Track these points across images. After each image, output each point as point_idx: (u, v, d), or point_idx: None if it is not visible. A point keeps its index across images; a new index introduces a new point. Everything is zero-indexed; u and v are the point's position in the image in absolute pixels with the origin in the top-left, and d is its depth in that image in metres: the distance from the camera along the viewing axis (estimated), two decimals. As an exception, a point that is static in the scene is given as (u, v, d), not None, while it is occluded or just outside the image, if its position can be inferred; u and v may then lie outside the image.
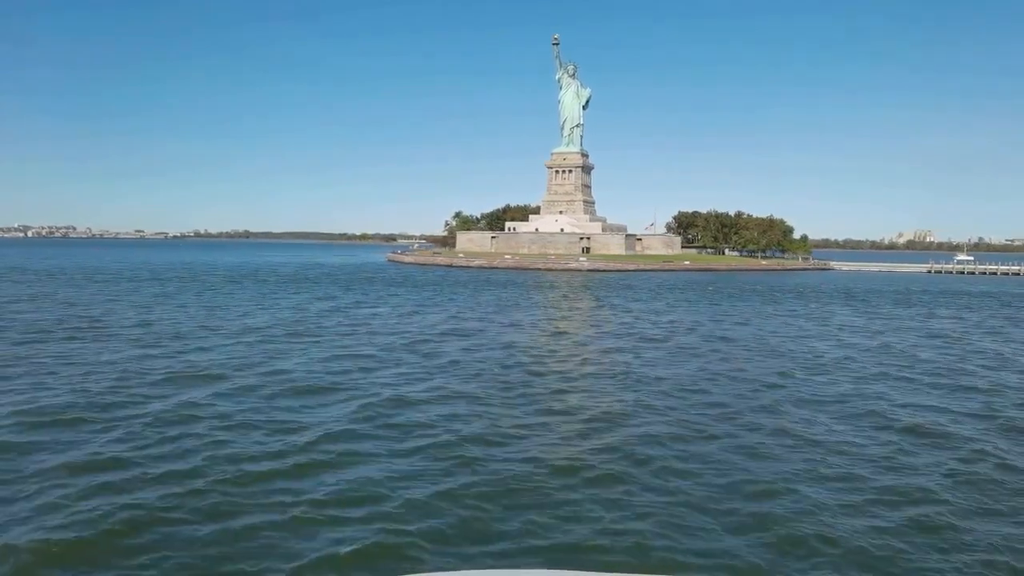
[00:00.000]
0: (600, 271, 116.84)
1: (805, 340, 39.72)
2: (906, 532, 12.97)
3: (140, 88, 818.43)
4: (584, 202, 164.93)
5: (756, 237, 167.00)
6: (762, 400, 23.64)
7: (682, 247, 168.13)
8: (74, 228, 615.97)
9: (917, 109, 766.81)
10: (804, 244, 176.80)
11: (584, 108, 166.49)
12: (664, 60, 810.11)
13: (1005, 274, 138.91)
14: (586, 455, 17.05)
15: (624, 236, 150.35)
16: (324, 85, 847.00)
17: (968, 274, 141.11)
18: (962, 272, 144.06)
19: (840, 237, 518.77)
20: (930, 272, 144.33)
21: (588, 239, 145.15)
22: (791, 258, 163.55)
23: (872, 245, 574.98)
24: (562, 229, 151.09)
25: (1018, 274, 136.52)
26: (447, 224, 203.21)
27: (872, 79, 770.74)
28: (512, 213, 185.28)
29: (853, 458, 17.30)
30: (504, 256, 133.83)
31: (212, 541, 12.12)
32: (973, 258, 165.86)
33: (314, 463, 16.09)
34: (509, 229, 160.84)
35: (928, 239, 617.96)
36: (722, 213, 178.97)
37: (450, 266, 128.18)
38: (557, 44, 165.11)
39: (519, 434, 18.84)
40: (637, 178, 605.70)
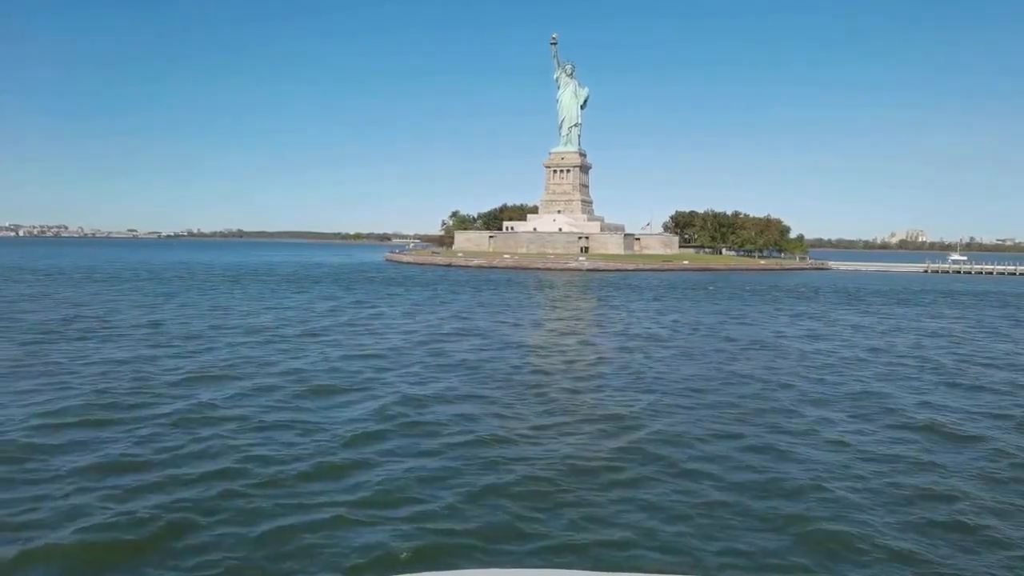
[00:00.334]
0: (600, 271, 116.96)
1: (815, 340, 39.89)
2: (934, 530, 13.06)
3: (134, 87, 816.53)
4: (582, 202, 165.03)
5: (753, 237, 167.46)
6: (779, 400, 23.75)
7: (679, 247, 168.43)
8: (66, 227, 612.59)
9: (915, 109, 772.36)
10: (801, 244, 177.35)
11: (582, 108, 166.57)
12: (663, 60, 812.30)
13: (1001, 273, 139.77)
14: (609, 455, 17.08)
15: (623, 236, 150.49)
16: (322, 85, 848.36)
17: (964, 273, 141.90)
18: (958, 272, 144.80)
19: (833, 237, 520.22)
20: (927, 272, 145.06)
21: (587, 239, 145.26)
22: (788, 258, 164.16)
23: (865, 245, 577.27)
24: (560, 229, 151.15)
25: (1014, 274, 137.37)
26: (444, 224, 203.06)
27: (871, 79, 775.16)
28: (509, 213, 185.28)
29: (875, 457, 17.38)
30: (503, 255, 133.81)
31: (253, 542, 12.13)
32: (967, 258, 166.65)
33: (343, 464, 16.10)
34: (507, 229, 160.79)
35: (920, 239, 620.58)
36: (720, 213, 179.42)
37: (449, 265, 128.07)
38: (555, 43, 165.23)
39: (539, 435, 18.85)
40: (634, 178, 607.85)
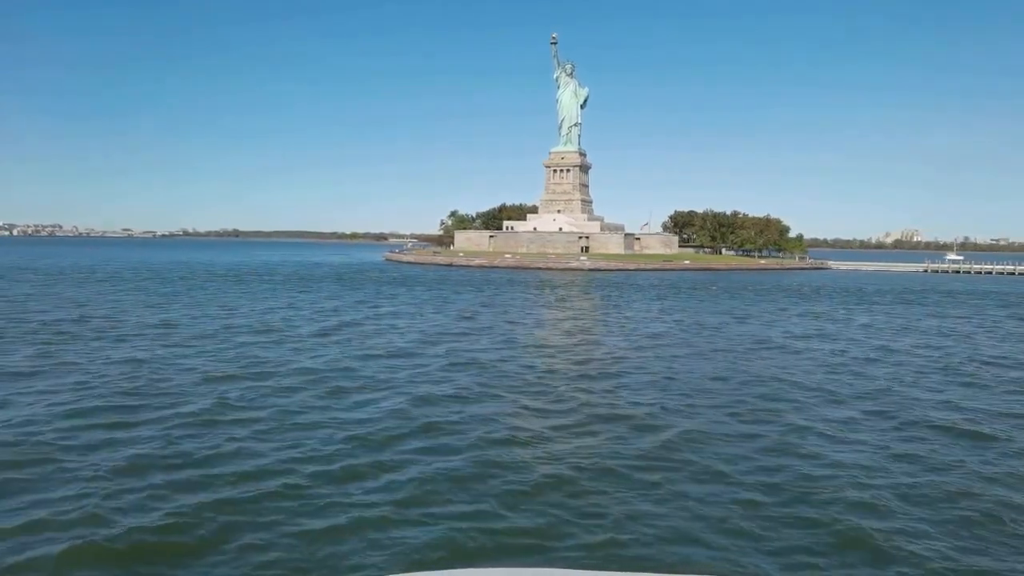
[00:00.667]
0: (601, 270, 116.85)
1: (828, 340, 39.82)
2: (956, 529, 12.97)
3: (130, 87, 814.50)
4: (582, 201, 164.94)
5: (753, 237, 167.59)
6: (800, 400, 23.64)
7: (679, 246, 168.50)
8: (60, 227, 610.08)
9: (915, 109, 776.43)
10: (800, 243, 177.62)
11: (582, 107, 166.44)
12: (663, 60, 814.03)
13: (1000, 273, 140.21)
14: (634, 455, 16.91)
15: (623, 235, 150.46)
16: (322, 85, 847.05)
17: (964, 273, 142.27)
18: (957, 272, 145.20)
19: (830, 236, 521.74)
20: (926, 271, 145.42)
21: (587, 238, 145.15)
22: (788, 257, 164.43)
23: (861, 244, 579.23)
24: (560, 228, 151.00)
25: (1013, 273, 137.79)
26: (443, 223, 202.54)
27: (871, 79, 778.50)
28: (508, 212, 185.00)
29: (901, 456, 17.29)
30: (504, 255, 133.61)
31: (288, 542, 12.01)
32: (963, 257, 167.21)
33: (371, 464, 15.92)
34: (507, 228, 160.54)
35: (915, 239, 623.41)
36: (719, 212, 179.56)
37: (450, 265, 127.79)
38: (555, 43, 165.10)
39: (560, 435, 18.69)
40: (633, 177, 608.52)
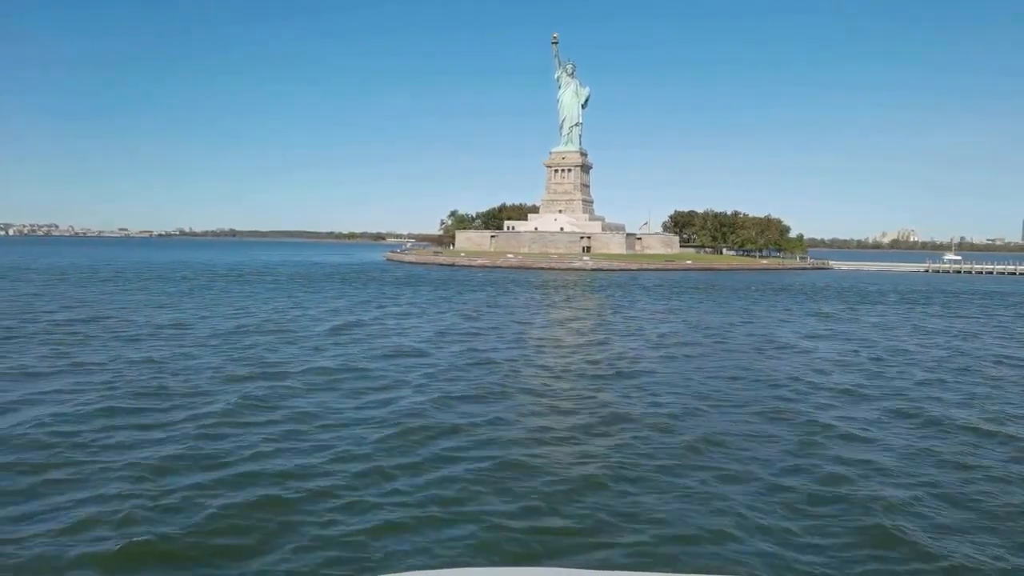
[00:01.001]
0: (604, 270, 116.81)
1: (844, 340, 39.82)
2: (987, 526, 12.96)
3: (127, 87, 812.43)
4: (583, 201, 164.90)
5: (754, 236, 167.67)
6: (822, 401, 23.65)
7: (679, 246, 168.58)
8: (56, 226, 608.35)
9: (915, 109, 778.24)
10: (800, 243, 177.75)
11: (583, 107, 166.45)
12: (663, 60, 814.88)
13: (1001, 273, 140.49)
14: (658, 456, 16.83)
15: (624, 235, 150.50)
16: (321, 85, 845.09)
17: (965, 273, 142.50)
18: (958, 272, 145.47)
19: (827, 236, 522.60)
20: (927, 272, 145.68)
21: (588, 238, 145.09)
22: (788, 257, 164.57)
23: (858, 244, 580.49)
24: (562, 228, 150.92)
25: (1014, 273, 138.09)
26: (443, 223, 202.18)
27: (871, 79, 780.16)
28: (509, 212, 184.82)
29: (926, 455, 17.27)
30: (507, 255, 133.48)
31: (344, 540, 12.00)
32: (960, 257, 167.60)
33: (396, 465, 15.82)
34: (508, 228, 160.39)
35: (912, 239, 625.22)
36: (720, 212, 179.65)
37: (453, 265, 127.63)
38: (556, 43, 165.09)
39: (584, 436, 18.61)
40: (633, 177, 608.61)
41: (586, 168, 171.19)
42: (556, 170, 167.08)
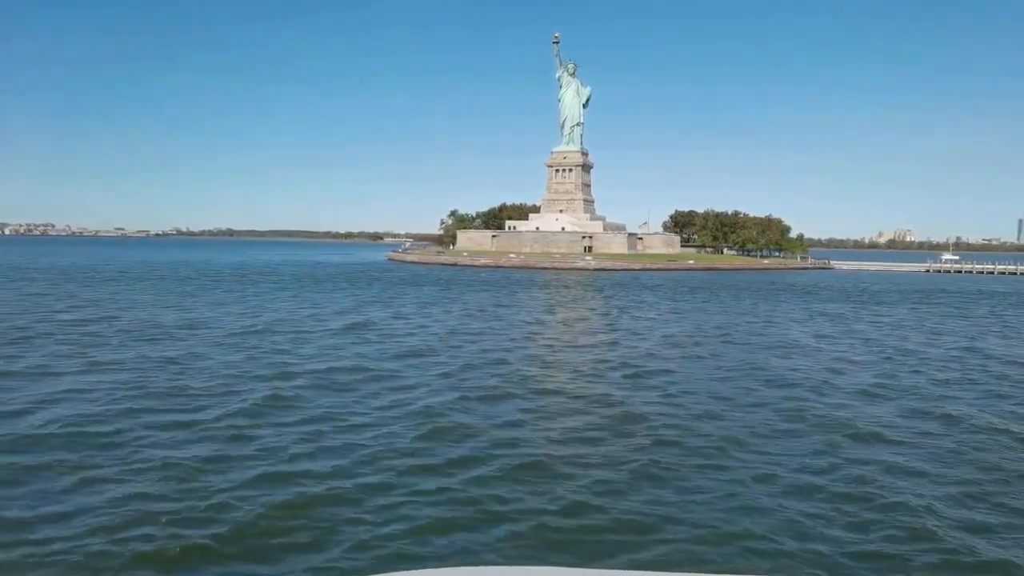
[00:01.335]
0: (607, 270, 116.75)
1: (860, 340, 39.82)
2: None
3: (124, 86, 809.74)
4: (584, 201, 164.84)
5: (755, 236, 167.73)
6: (844, 401, 23.64)
7: (680, 246, 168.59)
8: (53, 226, 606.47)
9: (914, 109, 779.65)
10: (801, 243, 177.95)
11: (584, 107, 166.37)
12: (663, 60, 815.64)
13: (1002, 273, 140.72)
14: (682, 457, 16.76)
15: (626, 235, 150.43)
16: (321, 84, 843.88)
17: (966, 273, 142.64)
18: (959, 271, 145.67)
19: (824, 236, 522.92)
20: (928, 271, 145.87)
21: (590, 238, 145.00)
22: (790, 257, 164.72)
23: (855, 244, 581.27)
24: (563, 228, 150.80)
25: (1014, 273, 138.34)
26: (443, 223, 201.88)
27: (871, 79, 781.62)
28: (509, 212, 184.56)
29: (953, 455, 17.26)
30: (509, 255, 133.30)
31: (388, 539, 11.96)
32: (959, 257, 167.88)
33: (423, 465, 15.81)
34: (510, 228, 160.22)
35: (908, 238, 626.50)
36: (721, 212, 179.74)
37: (455, 265, 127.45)
38: (557, 43, 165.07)
39: (604, 436, 18.54)
40: (633, 177, 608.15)
41: (587, 168, 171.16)
42: (557, 170, 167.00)
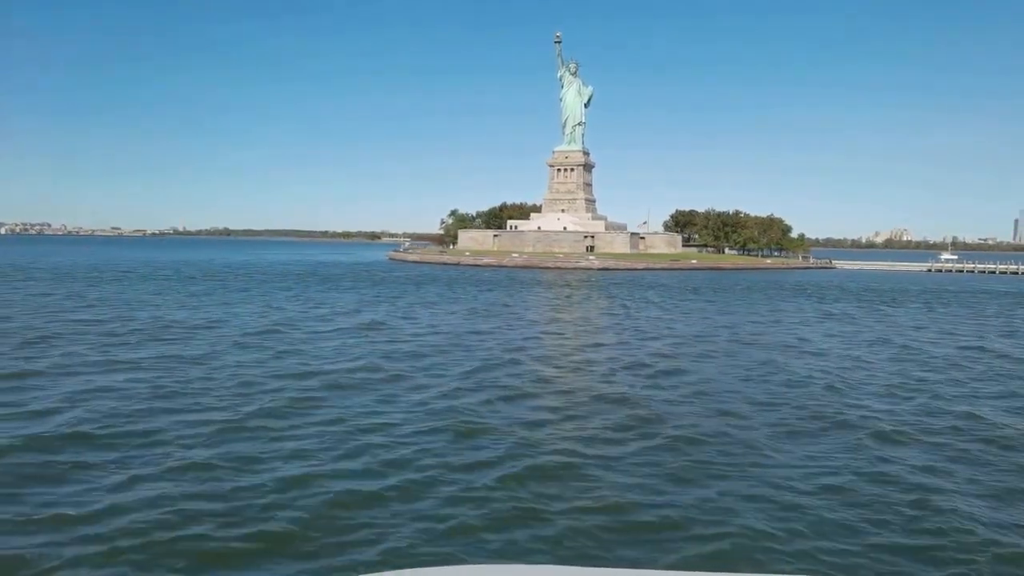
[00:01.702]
0: (611, 269, 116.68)
1: (871, 340, 39.76)
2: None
3: (120, 85, 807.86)
4: (586, 200, 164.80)
5: (757, 236, 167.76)
6: (862, 403, 23.57)
7: (681, 245, 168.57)
8: (49, 225, 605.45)
9: (914, 109, 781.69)
10: (802, 243, 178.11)
11: (586, 106, 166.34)
12: (663, 60, 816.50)
13: (1004, 273, 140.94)
14: (703, 459, 16.59)
15: (628, 235, 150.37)
16: (320, 84, 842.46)
17: (968, 272, 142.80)
18: (960, 271, 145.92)
19: (821, 235, 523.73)
20: (930, 271, 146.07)
21: (592, 237, 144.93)
22: (792, 257, 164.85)
23: (852, 244, 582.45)
24: (565, 228, 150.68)
25: (1016, 273, 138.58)
26: (443, 222, 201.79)
27: (871, 79, 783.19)
28: (509, 211, 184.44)
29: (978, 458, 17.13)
30: (512, 255, 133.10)
31: (416, 540, 11.90)
32: (957, 257, 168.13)
33: (449, 465, 15.71)
34: (511, 228, 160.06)
35: (905, 238, 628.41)
36: (722, 212, 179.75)
37: (458, 264, 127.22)
38: (559, 42, 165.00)
39: (625, 437, 18.37)
40: (633, 177, 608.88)
41: (589, 167, 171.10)
42: (559, 169, 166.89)
